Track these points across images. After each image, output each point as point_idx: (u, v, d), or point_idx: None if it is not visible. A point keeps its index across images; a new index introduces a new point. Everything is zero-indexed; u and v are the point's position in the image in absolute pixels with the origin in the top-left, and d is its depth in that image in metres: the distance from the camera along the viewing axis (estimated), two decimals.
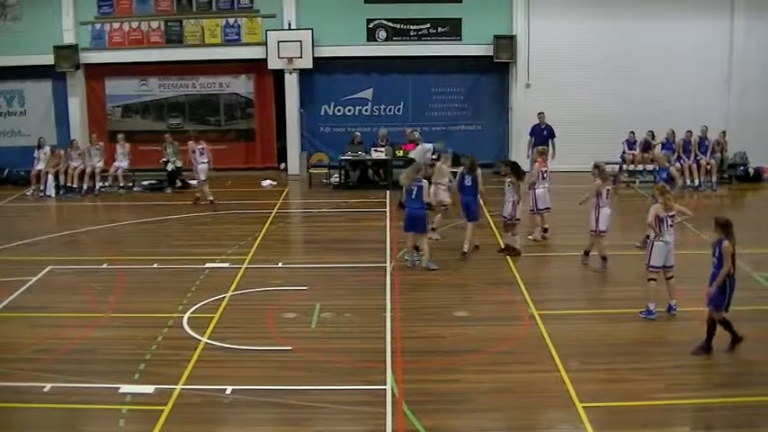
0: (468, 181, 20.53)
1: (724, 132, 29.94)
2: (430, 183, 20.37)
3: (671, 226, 16.08)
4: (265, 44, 31.00)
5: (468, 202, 20.54)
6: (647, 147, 29.71)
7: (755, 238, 20.17)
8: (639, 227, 21.22)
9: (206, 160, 26.95)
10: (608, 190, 19.53)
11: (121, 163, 29.45)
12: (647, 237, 18.21)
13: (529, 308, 16.67)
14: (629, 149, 29.87)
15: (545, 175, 21.66)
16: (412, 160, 27.27)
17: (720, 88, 31.29)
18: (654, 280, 16.05)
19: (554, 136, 28.76)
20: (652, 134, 29.71)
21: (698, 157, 29.03)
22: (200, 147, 27.11)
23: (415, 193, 19.13)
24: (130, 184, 29.52)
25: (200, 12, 31.34)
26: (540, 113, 29.30)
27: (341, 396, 12.84)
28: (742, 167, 30.45)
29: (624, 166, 29.95)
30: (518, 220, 20.42)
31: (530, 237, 21.67)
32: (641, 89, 30.90)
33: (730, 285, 13.96)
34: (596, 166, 19.62)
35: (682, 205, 17.43)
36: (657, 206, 16.21)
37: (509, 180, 20.29)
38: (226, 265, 19.70)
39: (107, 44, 31.53)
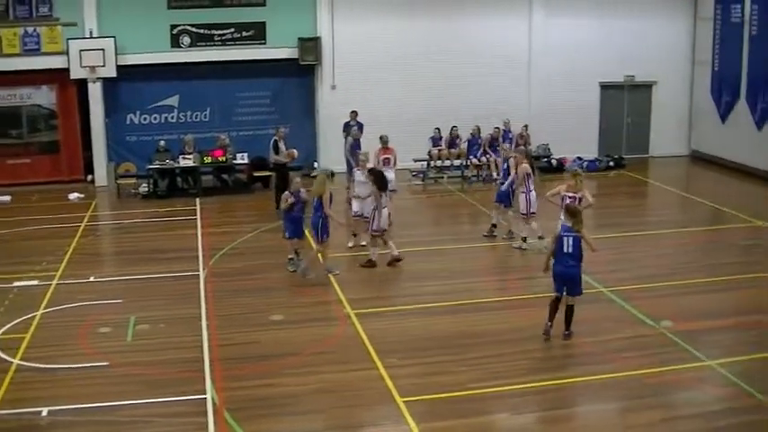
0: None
1: (526, 126, 31.09)
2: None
3: None
4: (67, 53, 30.16)
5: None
6: (453, 143, 30.46)
7: None
8: (449, 221, 21.83)
9: None
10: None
11: None
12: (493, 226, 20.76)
13: (344, 308, 16.95)
14: (435, 146, 30.56)
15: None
16: (220, 165, 27.65)
17: (521, 83, 32.44)
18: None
19: (362, 131, 29.20)
20: (457, 130, 30.47)
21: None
22: None
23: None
24: None
25: None
26: (352, 111, 29.57)
27: (162, 408, 12.76)
28: (545, 159, 31.64)
29: (432, 163, 30.59)
30: (375, 231, 19.82)
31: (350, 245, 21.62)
32: (446, 86, 31.65)
33: None
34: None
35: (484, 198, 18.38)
36: (563, 186, 17.99)
37: (372, 190, 20.06)
38: (35, 282, 19.15)
39: None
